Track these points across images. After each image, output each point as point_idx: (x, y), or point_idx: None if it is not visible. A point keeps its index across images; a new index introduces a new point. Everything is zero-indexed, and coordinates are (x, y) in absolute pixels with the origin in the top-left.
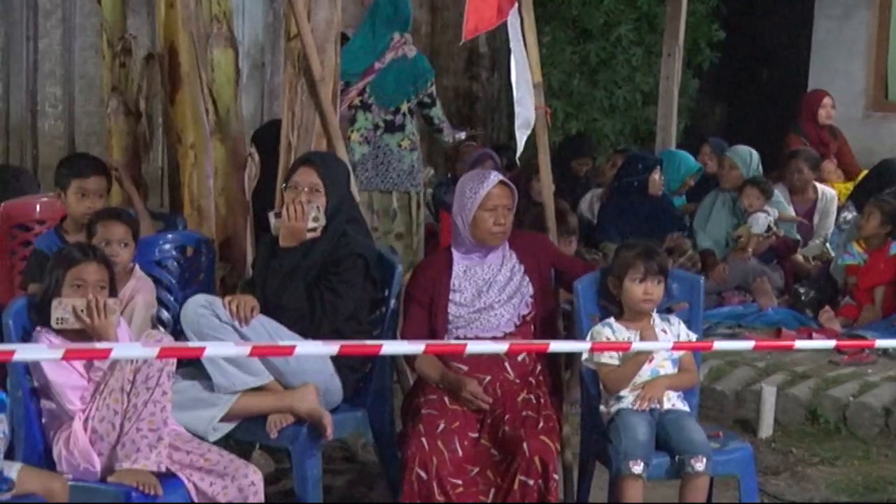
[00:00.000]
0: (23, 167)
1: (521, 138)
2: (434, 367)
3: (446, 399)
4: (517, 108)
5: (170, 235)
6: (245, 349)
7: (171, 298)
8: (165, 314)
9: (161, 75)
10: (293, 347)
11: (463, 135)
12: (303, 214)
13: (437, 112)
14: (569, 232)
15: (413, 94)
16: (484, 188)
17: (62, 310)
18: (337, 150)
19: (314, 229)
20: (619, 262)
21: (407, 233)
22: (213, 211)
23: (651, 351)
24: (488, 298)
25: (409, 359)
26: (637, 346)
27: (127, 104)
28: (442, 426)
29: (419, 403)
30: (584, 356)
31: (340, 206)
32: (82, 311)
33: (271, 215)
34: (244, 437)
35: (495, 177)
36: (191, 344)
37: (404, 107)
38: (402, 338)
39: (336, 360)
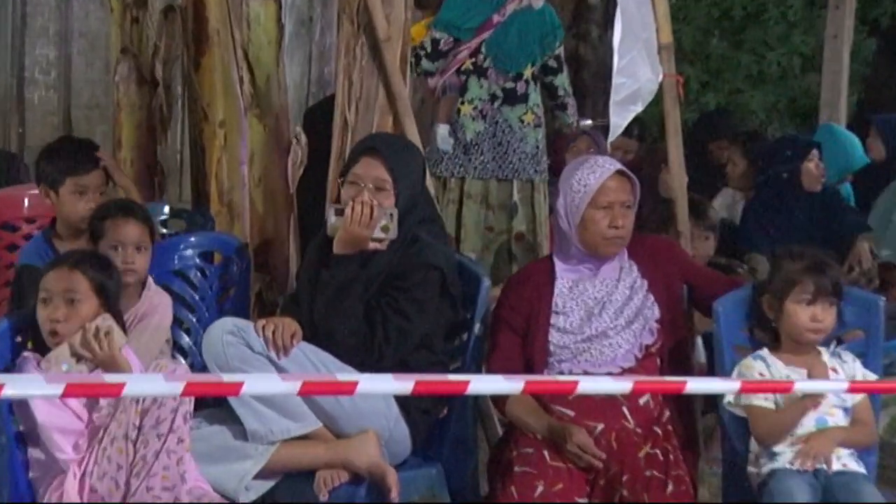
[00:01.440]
0: (12, 151)
1: (619, 118)
2: (531, 412)
3: (546, 453)
4: (618, 78)
5: (192, 238)
6: (293, 385)
7: (194, 319)
8: (186, 339)
9: (184, 33)
10: (354, 384)
11: (589, 122)
12: (370, 220)
13: (563, 81)
14: (708, 227)
15: (539, 56)
16: (596, 180)
17: (59, 368)
18: (406, 129)
19: (380, 241)
20: (779, 276)
21: (529, 232)
22: (247, 207)
23: (819, 395)
24: (601, 323)
25: (498, 400)
26: (802, 386)
27: (140, 70)
28: (541, 489)
29: (511, 458)
30: (728, 398)
31: (412, 205)
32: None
33: (331, 210)
34: (285, 498)
35: (610, 165)
36: (225, 377)
37: (528, 72)
38: (489, 372)
39: (402, 401)
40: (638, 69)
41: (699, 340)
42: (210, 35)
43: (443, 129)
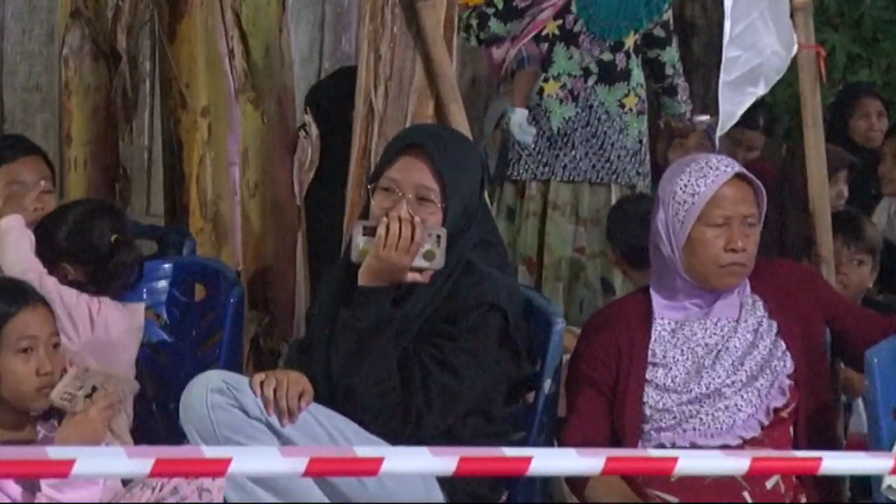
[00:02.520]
0: None
1: (731, 104)
2: (620, 497)
3: None
4: (730, 51)
5: (165, 265)
6: (299, 462)
7: (167, 370)
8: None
9: None
10: (378, 461)
11: (706, 119)
12: (410, 243)
13: (672, 56)
14: (864, 249)
15: (645, 20)
16: (708, 187)
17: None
18: (453, 119)
19: (422, 271)
20: None
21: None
22: (238, 223)
23: None
24: (714, 379)
25: (576, 483)
26: None
27: (96, 40)
28: None
29: None
30: (889, 482)
31: (467, 223)
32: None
33: (358, 228)
34: None
35: (727, 166)
36: (207, 451)
37: (630, 40)
38: (564, 444)
39: (449, 485)
40: (759, 38)
41: (859, 404)
42: None
43: (520, 115)
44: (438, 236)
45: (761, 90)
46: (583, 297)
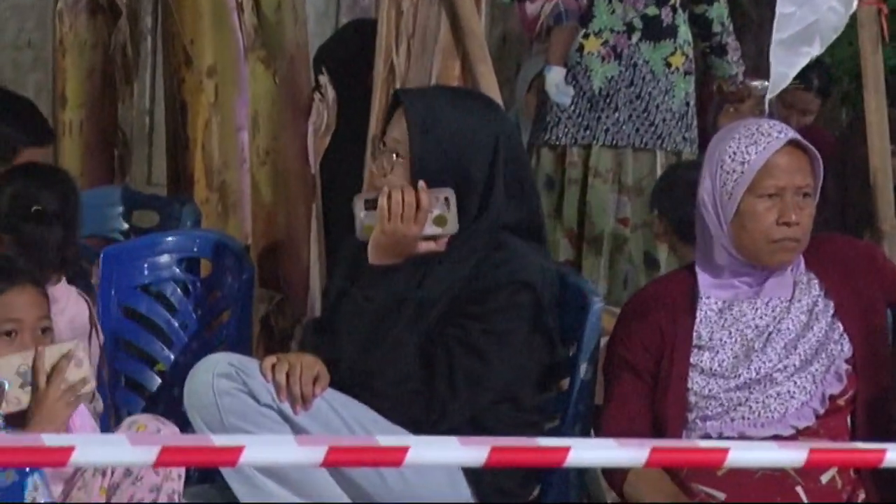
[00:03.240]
0: None
1: (784, 64)
2: (661, 493)
3: None
4: (783, 6)
5: (169, 239)
6: (315, 452)
7: (172, 356)
8: (156, 380)
9: None
10: (403, 450)
11: (763, 84)
12: (416, 211)
13: (720, 11)
14: None
15: None
16: (759, 154)
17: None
18: (481, 79)
19: (436, 238)
20: None
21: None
22: (247, 193)
23: None
24: (765, 363)
25: (613, 476)
26: None
27: None
28: None
29: None
30: None
31: (489, 188)
32: (26, 377)
33: (359, 203)
34: None
35: (780, 132)
36: (216, 439)
37: None
38: (601, 434)
39: (475, 477)
40: None
41: None
42: None
43: (557, 74)
44: (447, 199)
45: (816, 50)
46: (626, 274)
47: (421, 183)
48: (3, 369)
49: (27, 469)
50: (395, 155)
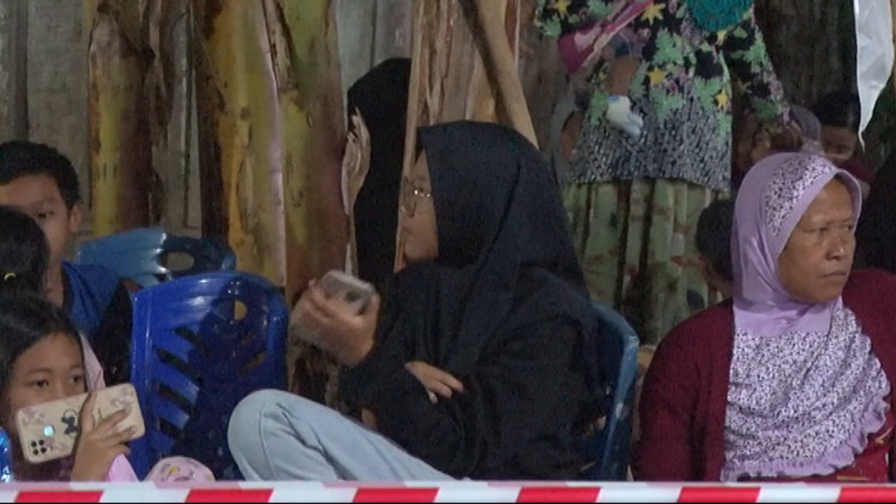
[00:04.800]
0: None
1: (867, 97)
2: None
3: None
4: (861, 39)
5: (203, 281)
6: (343, 495)
7: (205, 398)
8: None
9: None
10: (432, 491)
11: (816, 143)
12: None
13: (758, 53)
14: None
15: (739, 13)
16: (807, 190)
17: (39, 427)
18: (515, 118)
19: (365, 309)
20: None
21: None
22: (281, 234)
23: None
24: (803, 401)
25: None
26: None
27: (126, 35)
28: None
29: None
30: None
31: (523, 224)
32: (72, 423)
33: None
34: None
35: (824, 167)
36: (244, 484)
37: (722, 35)
38: (639, 475)
39: None
40: (880, 25)
41: None
42: None
43: (624, 104)
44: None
45: (882, 83)
46: (675, 312)
47: (311, 281)
48: (48, 416)
49: None
50: (418, 192)
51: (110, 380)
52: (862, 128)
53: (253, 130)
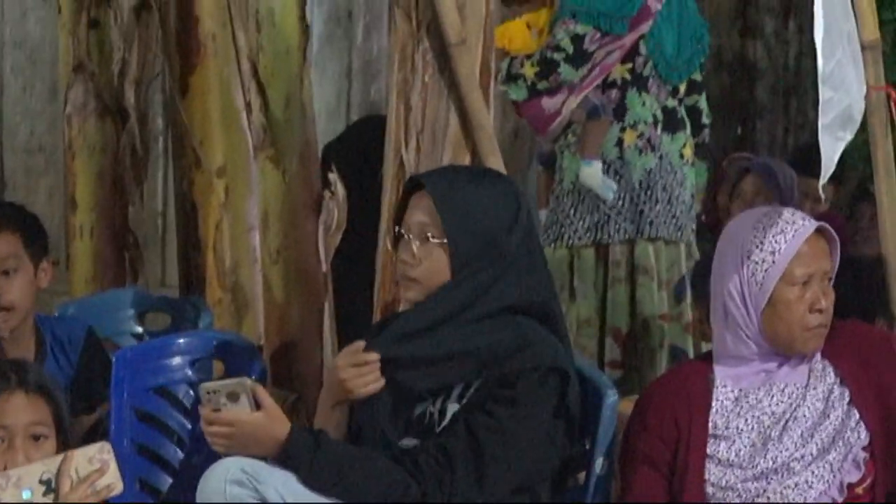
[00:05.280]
0: None
1: (830, 149)
2: None
3: None
4: (824, 92)
5: (181, 340)
6: None
7: (183, 457)
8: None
9: (164, 40)
10: None
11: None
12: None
13: (705, 101)
14: None
15: (698, 59)
16: (789, 244)
17: (16, 491)
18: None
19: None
20: None
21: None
22: (259, 292)
23: None
24: (782, 452)
25: None
26: None
27: (101, 95)
28: None
29: None
30: None
31: (506, 272)
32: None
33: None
34: None
35: (804, 221)
36: None
37: (683, 86)
38: None
39: None
40: (846, 77)
41: None
42: (202, 41)
43: (597, 167)
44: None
45: (849, 135)
46: (660, 368)
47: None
48: (25, 478)
49: None
50: (422, 239)
51: (90, 434)
52: (823, 180)
53: (229, 188)
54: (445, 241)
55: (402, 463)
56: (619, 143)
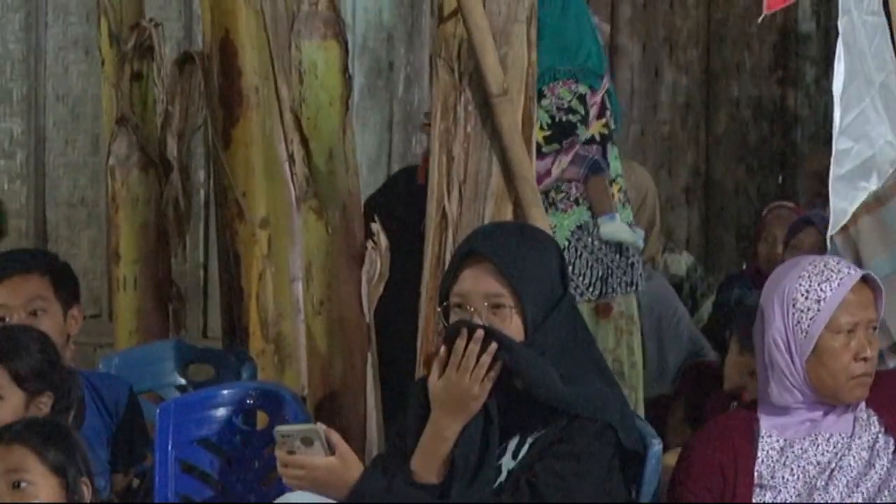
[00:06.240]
0: None
1: (844, 199)
2: None
3: None
4: (842, 142)
5: (224, 392)
6: None
7: None
8: None
9: (206, 93)
10: None
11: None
12: (486, 373)
13: None
14: None
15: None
16: (835, 292)
17: None
18: (535, 223)
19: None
20: None
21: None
22: (302, 343)
23: None
24: (828, 501)
25: None
26: None
27: (144, 148)
28: None
29: None
30: None
31: (556, 331)
32: None
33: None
34: None
35: (849, 269)
36: None
37: None
38: None
39: None
40: (871, 128)
41: None
42: (245, 94)
43: (618, 218)
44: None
45: (874, 184)
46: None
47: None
48: None
49: None
50: (495, 308)
51: (131, 493)
52: (832, 231)
53: (272, 240)
54: (518, 305)
55: None
56: (609, 198)
